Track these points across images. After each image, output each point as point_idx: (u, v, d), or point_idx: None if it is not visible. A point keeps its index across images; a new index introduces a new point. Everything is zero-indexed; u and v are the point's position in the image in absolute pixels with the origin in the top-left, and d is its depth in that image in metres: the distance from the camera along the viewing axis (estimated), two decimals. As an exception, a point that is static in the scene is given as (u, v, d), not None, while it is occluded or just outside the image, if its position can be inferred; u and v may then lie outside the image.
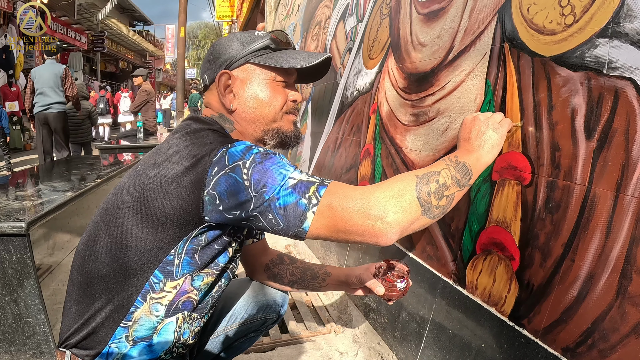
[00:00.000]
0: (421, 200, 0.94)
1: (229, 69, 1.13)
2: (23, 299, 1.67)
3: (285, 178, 0.92)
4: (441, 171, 1.00)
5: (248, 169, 0.93)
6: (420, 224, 0.96)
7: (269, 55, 1.14)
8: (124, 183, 1.08)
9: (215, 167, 0.94)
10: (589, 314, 1.02)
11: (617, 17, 1.04)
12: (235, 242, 1.11)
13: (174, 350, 1.12)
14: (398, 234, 0.91)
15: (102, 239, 1.05)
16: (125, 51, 22.15)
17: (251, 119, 1.14)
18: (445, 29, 1.81)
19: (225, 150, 0.96)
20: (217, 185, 0.93)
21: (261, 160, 0.94)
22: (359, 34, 2.92)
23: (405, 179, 0.96)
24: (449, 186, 1.00)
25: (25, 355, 1.73)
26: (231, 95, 1.14)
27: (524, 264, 1.24)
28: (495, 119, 1.18)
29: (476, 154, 1.11)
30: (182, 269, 1.02)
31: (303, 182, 0.93)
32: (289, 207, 0.91)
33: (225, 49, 1.15)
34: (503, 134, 1.18)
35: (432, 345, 1.57)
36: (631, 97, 0.99)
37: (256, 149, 0.97)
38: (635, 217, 0.95)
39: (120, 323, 1.03)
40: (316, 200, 0.91)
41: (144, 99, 6.80)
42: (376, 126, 2.36)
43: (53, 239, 2.01)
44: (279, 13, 6.85)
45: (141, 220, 1.00)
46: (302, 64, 1.12)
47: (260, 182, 0.92)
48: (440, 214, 1.00)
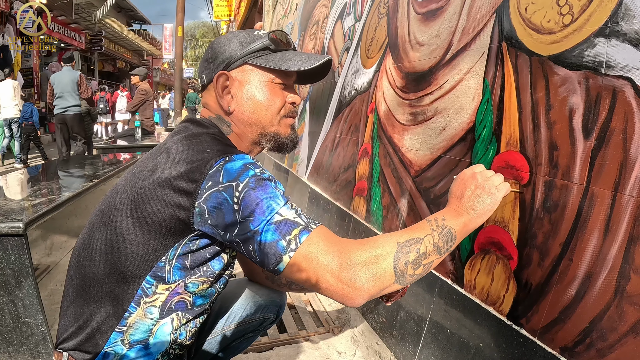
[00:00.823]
0: (397, 270, 0.93)
1: (227, 70, 1.11)
2: (21, 299, 1.67)
3: (272, 212, 0.91)
4: (424, 238, 0.98)
5: (240, 192, 0.91)
6: (390, 290, 0.95)
7: (268, 56, 1.12)
8: (120, 185, 1.07)
9: (210, 182, 0.92)
10: (587, 314, 1.02)
11: (615, 16, 1.04)
12: (230, 249, 1.09)
13: (171, 352, 1.11)
14: (366, 299, 0.91)
15: (98, 241, 1.04)
16: (123, 51, 22.11)
17: (249, 122, 1.13)
18: (443, 28, 1.81)
19: (222, 164, 0.94)
20: (208, 200, 0.92)
21: (254, 186, 0.92)
22: (356, 33, 2.92)
23: (385, 245, 0.94)
24: (428, 255, 0.97)
25: (24, 355, 1.72)
26: (229, 97, 1.12)
27: (522, 264, 1.24)
28: (493, 182, 1.11)
29: (464, 218, 1.06)
30: (174, 275, 1.01)
31: (288, 221, 0.91)
32: (267, 245, 0.90)
33: (224, 48, 1.13)
34: (498, 200, 1.10)
35: (430, 345, 1.57)
36: (629, 96, 0.99)
37: (253, 170, 0.95)
38: (634, 217, 0.95)
39: (116, 328, 1.03)
40: (295, 245, 0.90)
41: (142, 98, 6.78)
42: (374, 126, 2.36)
43: (51, 239, 2.00)
44: (277, 12, 6.85)
45: (134, 224, 0.99)
46: (302, 67, 1.10)
47: (249, 209, 0.90)
48: (414, 281, 0.99)
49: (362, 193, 2.42)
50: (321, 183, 3.20)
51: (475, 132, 1.51)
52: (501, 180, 1.13)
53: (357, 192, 2.50)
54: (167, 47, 27.98)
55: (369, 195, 2.31)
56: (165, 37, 28.11)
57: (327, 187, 3.06)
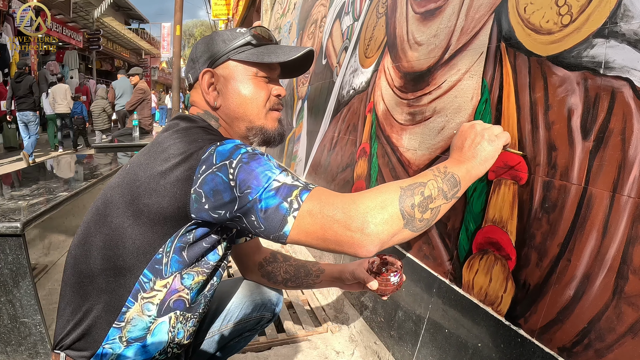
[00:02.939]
0: (404, 213, 0.93)
1: (212, 67, 1.14)
2: (19, 299, 1.66)
3: (269, 180, 0.92)
4: (427, 182, 0.98)
5: (234, 168, 0.93)
6: (401, 237, 0.95)
7: (250, 51, 1.14)
8: (114, 182, 1.08)
9: (203, 166, 0.94)
10: (585, 314, 1.03)
11: (614, 17, 1.04)
12: (225, 241, 1.11)
13: (169, 351, 1.11)
14: (378, 246, 0.91)
15: (93, 238, 1.05)
16: (121, 49, 22.05)
17: (235, 116, 1.15)
18: (441, 28, 1.81)
19: (214, 148, 0.96)
20: (204, 184, 0.93)
21: (247, 161, 0.94)
22: (355, 32, 2.91)
23: (388, 190, 0.95)
24: (434, 198, 0.98)
25: (22, 355, 1.72)
26: (215, 93, 1.14)
27: (521, 264, 1.24)
28: (493, 130, 1.13)
29: (467, 165, 1.07)
30: (171, 267, 1.02)
31: (287, 185, 0.92)
32: (270, 210, 0.91)
33: (207, 47, 1.15)
34: (498, 148, 1.12)
35: (428, 345, 1.57)
36: (628, 97, 0.99)
37: (244, 148, 0.97)
38: (632, 217, 0.95)
39: (113, 324, 1.03)
40: (297, 205, 0.91)
41: (140, 97, 6.78)
42: (372, 125, 2.35)
43: (49, 239, 1.99)
44: (275, 11, 6.84)
45: (130, 217, 1.00)
46: (283, 58, 1.12)
47: (246, 182, 0.91)
48: (424, 227, 0.98)
49: (360, 193, 2.41)
50: (319, 182, 3.20)
51: (474, 132, 1.50)
52: (500, 129, 1.15)
53: (355, 191, 2.49)
54: (165, 46, 27.91)
55: (368, 195, 2.30)
56: (164, 36, 28.04)
57: (325, 187, 3.05)
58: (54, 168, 3.21)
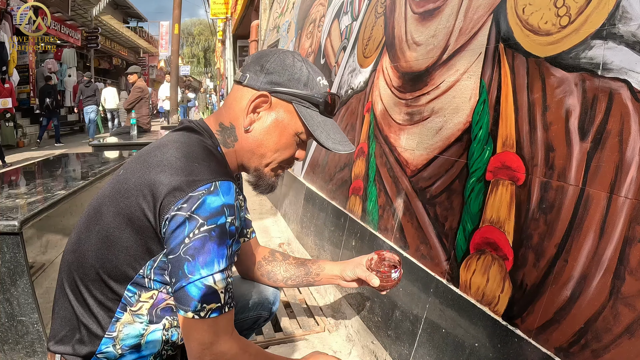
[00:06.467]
0: None
1: (272, 93, 1.06)
2: (16, 297, 1.66)
3: (211, 272, 0.91)
4: None
5: (200, 232, 0.91)
6: None
7: (313, 113, 1.08)
8: (106, 189, 1.06)
9: (185, 204, 0.91)
10: (582, 314, 1.03)
11: (612, 18, 1.04)
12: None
13: (163, 353, 1.12)
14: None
15: (85, 246, 1.04)
16: (119, 48, 21.98)
17: (253, 150, 1.10)
18: (440, 28, 1.81)
19: (205, 193, 0.92)
20: (172, 220, 0.92)
21: (214, 236, 0.92)
22: (353, 32, 2.91)
23: None
24: None
25: (19, 354, 1.72)
26: (255, 116, 1.08)
27: (518, 264, 1.25)
28: None
29: None
30: (155, 284, 1.03)
31: (215, 293, 0.92)
32: (187, 295, 0.91)
33: (284, 71, 1.06)
34: None
35: (425, 344, 1.58)
36: (625, 98, 0.99)
37: (225, 217, 0.93)
38: (629, 218, 0.95)
39: (105, 334, 1.04)
40: (204, 315, 0.92)
41: (138, 95, 6.76)
42: (370, 125, 2.36)
43: (46, 237, 1.99)
44: (274, 10, 6.84)
45: (117, 229, 0.99)
46: (330, 146, 1.07)
47: (194, 251, 0.91)
48: None
49: (358, 192, 2.42)
50: (317, 182, 3.20)
51: (472, 133, 1.51)
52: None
53: (353, 191, 2.50)
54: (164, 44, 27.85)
55: (365, 195, 2.31)
56: (162, 34, 27.97)
57: (323, 186, 3.06)
58: (52, 166, 3.20)
